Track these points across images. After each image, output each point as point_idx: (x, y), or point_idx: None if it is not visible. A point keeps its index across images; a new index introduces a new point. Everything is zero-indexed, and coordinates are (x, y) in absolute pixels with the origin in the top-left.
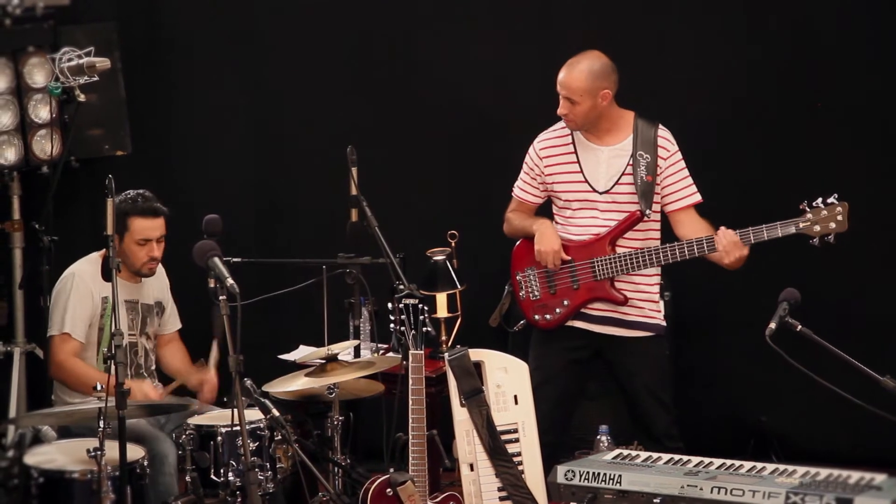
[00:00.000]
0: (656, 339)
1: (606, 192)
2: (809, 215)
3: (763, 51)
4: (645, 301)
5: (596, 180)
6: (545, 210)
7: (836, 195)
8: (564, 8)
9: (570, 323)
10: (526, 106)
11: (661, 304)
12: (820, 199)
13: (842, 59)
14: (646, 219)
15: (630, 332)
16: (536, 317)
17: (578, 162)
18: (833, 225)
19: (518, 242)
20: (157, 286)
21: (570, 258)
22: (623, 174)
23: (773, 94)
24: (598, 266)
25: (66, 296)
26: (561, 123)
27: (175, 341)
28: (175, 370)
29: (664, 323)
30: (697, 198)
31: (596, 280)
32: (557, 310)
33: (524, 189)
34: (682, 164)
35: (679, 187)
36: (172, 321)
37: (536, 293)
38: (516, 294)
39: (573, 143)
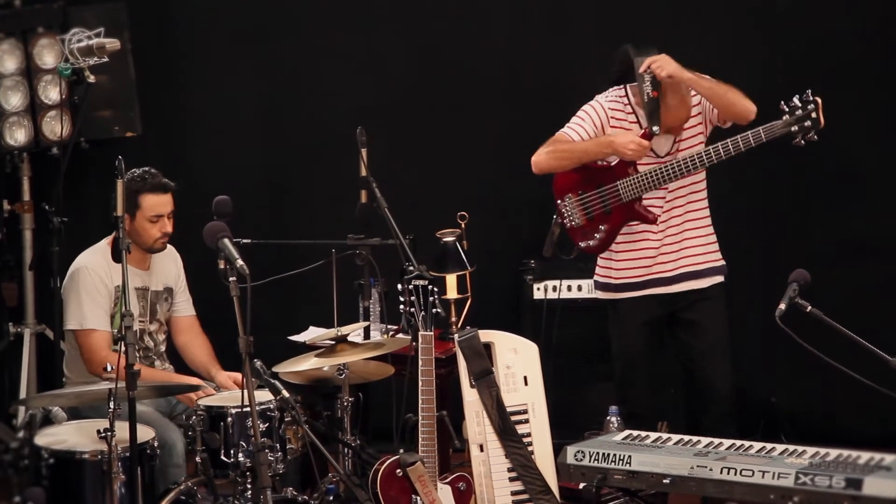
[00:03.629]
0: (721, 286)
1: (667, 153)
2: (787, 117)
3: None
4: (706, 244)
5: (659, 148)
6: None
7: (809, 91)
8: None
9: (645, 292)
10: (537, 86)
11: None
12: (796, 98)
13: None
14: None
15: (703, 281)
16: (581, 243)
17: (637, 116)
18: (809, 123)
19: (559, 173)
20: (167, 271)
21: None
22: (681, 139)
23: None
24: (623, 187)
25: (80, 290)
26: (620, 93)
27: (194, 328)
28: (199, 364)
29: (724, 262)
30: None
31: (623, 202)
32: (597, 235)
33: (576, 131)
34: None
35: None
36: (185, 306)
37: (577, 220)
38: (562, 222)
39: (634, 112)
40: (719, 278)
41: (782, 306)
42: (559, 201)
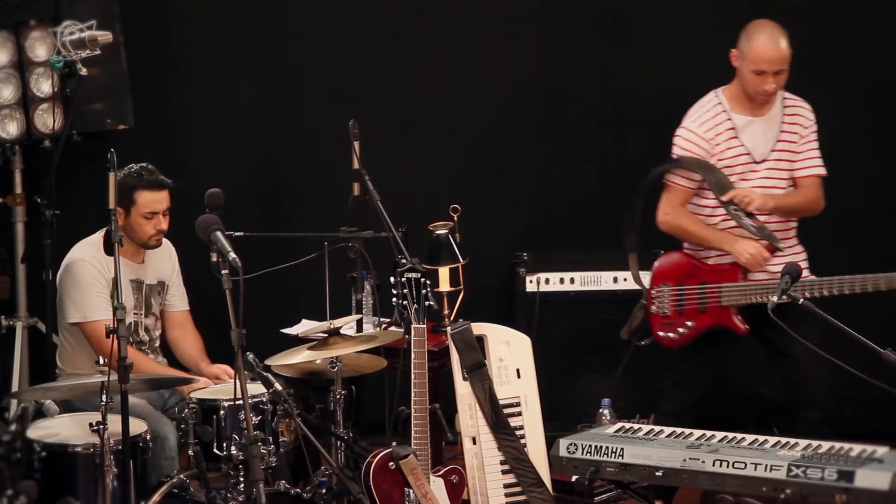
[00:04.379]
0: None
1: (764, 160)
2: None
3: None
4: (794, 245)
5: (754, 150)
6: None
7: None
8: None
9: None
10: (528, 78)
11: None
12: None
13: None
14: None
15: None
16: (661, 333)
17: (738, 137)
18: None
19: (662, 256)
20: (161, 265)
21: (702, 281)
22: (777, 141)
23: None
24: (726, 291)
25: (79, 283)
26: (707, 103)
27: (187, 323)
28: (189, 358)
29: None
30: (823, 171)
31: (721, 306)
32: (681, 329)
33: (687, 177)
34: (816, 135)
35: (811, 156)
36: (179, 301)
37: (666, 310)
38: (648, 309)
39: (730, 118)
40: None
41: (774, 298)
42: (654, 288)
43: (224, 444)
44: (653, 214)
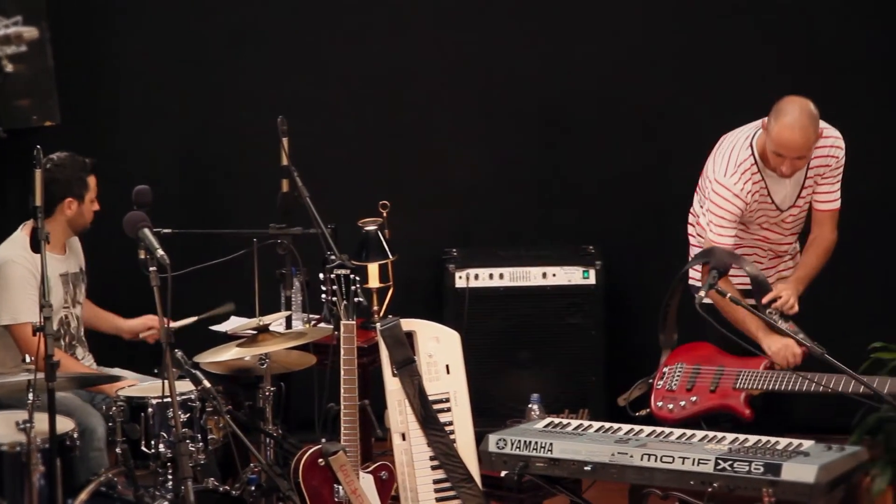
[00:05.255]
0: None
1: (790, 207)
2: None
3: None
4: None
5: (783, 202)
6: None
7: None
8: None
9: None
10: (458, 74)
11: None
12: None
13: None
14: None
15: None
16: (659, 404)
17: (769, 194)
18: None
19: (686, 345)
20: (78, 253)
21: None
22: (803, 188)
23: None
24: (742, 377)
25: (9, 284)
26: (743, 161)
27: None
28: (103, 320)
29: None
30: (839, 204)
31: (733, 388)
32: (683, 403)
33: (729, 234)
34: (842, 170)
35: (831, 190)
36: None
37: (674, 385)
38: (654, 382)
39: (763, 179)
40: None
41: (702, 293)
42: (668, 367)
43: (152, 442)
44: (688, 307)
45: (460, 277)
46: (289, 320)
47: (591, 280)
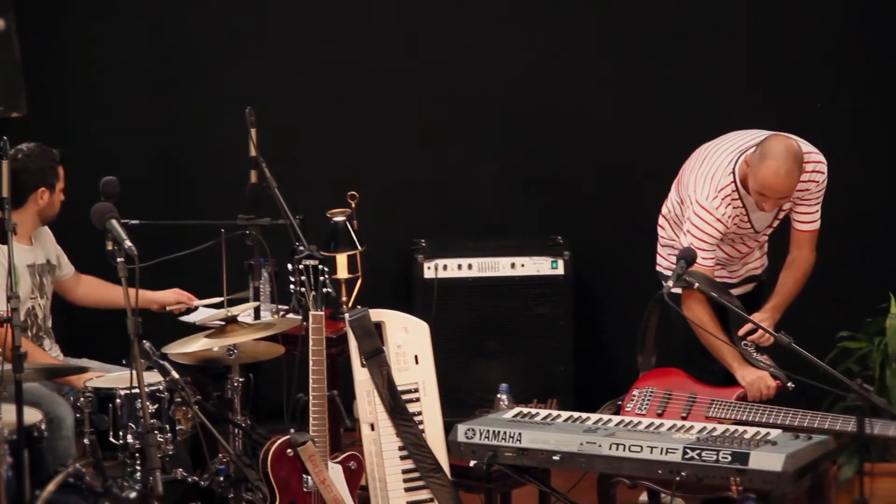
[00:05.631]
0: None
1: (764, 228)
2: None
3: None
4: (762, 256)
5: (761, 225)
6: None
7: None
8: None
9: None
10: (425, 65)
11: None
12: None
13: None
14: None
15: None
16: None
17: (749, 219)
18: None
19: (657, 370)
20: (46, 245)
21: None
22: (781, 210)
23: None
24: (715, 406)
25: None
26: (725, 186)
27: (82, 276)
28: (115, 295)
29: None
30: (819, 224)
31: (706, 416)
32: None
33: (709, 257)
34: (823, 192)
35: (811, 211)
36: (69, 267)
37: (643, 409)
38: (623, 405)
39: (744, 206)
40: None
41: (670, 283)
42: (638, 388)
43: (120, 433)
44: (665, 333)
45: (429, 268)
46: (257, 311)
47: (560, 270)
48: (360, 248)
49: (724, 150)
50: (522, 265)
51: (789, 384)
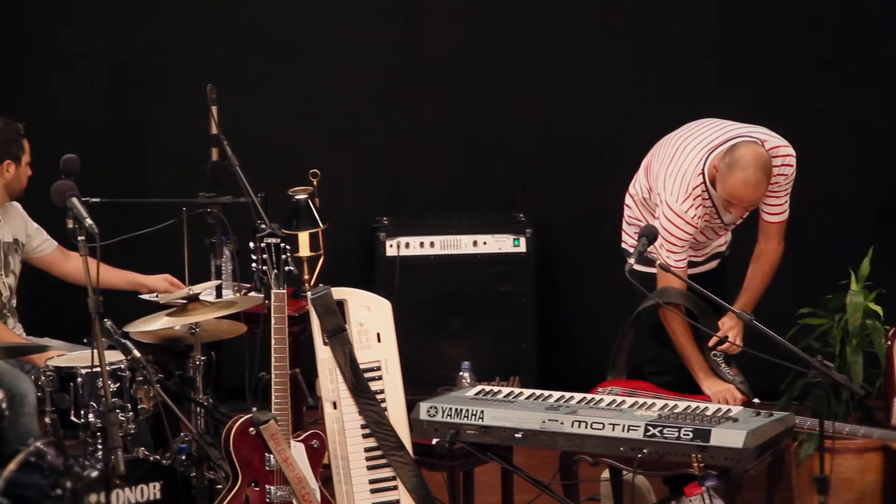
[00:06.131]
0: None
1: (733, 221)
2: None
3: None
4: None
5: (729, 221)
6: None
7: None
8: None
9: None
10: (388, 41)
11: None
12: None
13: None
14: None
15: None
16: None
17: (719, 216)
18: None
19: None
20: (13, 223)
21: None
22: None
23: None
24: None
25: None
26: (694, 188)
27: (66, 252)
28: (110, 275)
29: None
30: (787, 215)
31: None
32: None
33: (681, 257)
34: (792, 184)
35: (780, 202)
36: (49, 243)
37: None
38: None
39: (714, 204)
40: None
41: (632, 261)
42: (600, 388)
43: (82, 412)
44: (639, 354)
45: (391, 246)
46: (219, 289)
47: (522, 248)
48: (322, 225)
49: (694, 146)
50: (485, 243)
51: (755, 399)
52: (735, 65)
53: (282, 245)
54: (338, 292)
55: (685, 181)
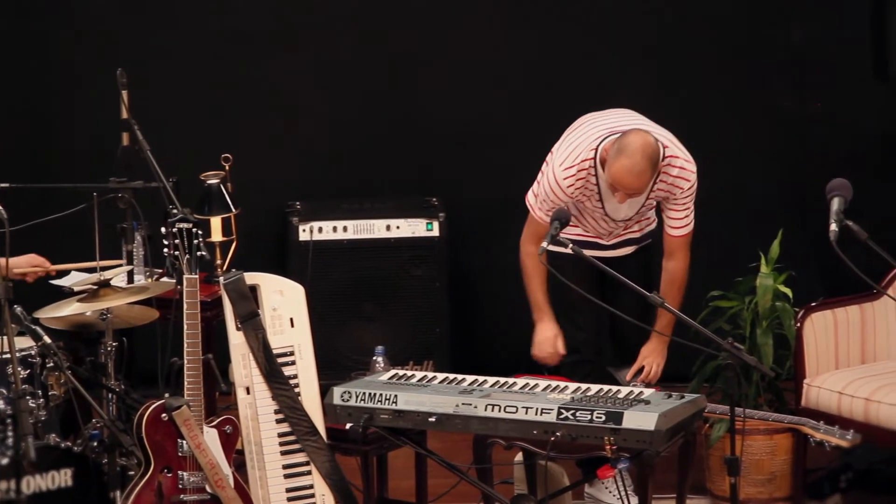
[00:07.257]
0: None
1: (624, 219)
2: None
3: None
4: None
5: (616, 214)
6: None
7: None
8: None
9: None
10: (302, 24)
11: None
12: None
13: None
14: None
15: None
16: None
17: (601, 200)
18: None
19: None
20: None
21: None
22: (643, 207)
23: None
24: None
25: None
26: (582, 161)
27: None
28: None
29: None
30: (692, 227)
31: None
32: None
33: (546, 212)
34: (694, 195)
35: (684, 215)
36: None
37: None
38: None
39: (598, 184)
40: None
41: (544, 244)
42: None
43: None
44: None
45: (304, 230)
46: (130, 275)
47: (435, 232)
48: (234, 210)
49: (598, 126)
50: (398, 227)
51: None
52: (642, 48)
53: (194, 230)
54: (250, 277)
55: (576, 153)
